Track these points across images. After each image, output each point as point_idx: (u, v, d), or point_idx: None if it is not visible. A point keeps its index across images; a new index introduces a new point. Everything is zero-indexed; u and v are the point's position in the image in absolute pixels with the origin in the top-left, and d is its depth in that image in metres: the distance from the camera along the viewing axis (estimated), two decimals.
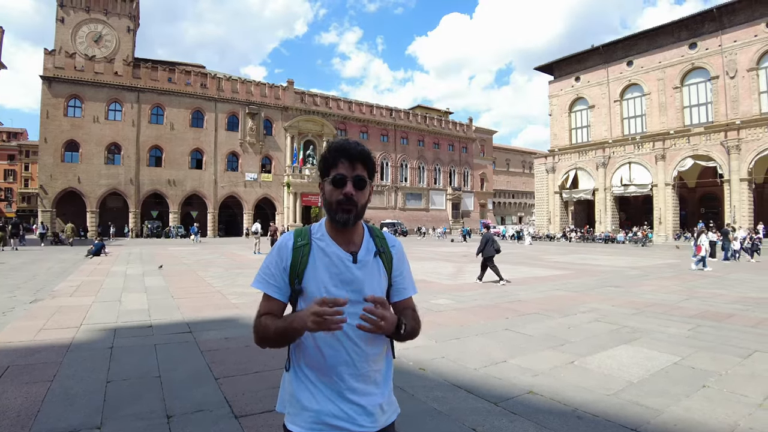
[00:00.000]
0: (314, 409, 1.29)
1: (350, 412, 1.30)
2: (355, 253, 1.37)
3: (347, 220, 1.33)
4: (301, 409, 1.31)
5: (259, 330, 1.32)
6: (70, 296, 8.72)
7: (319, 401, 1.30)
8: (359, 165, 1.35)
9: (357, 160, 1.34)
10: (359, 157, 1.35)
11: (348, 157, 1.34)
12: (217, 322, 6.50)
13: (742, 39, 32.78)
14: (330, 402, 1.29)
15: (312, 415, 1.29)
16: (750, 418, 3.22)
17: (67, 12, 42.07)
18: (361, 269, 1.36)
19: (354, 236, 1.39)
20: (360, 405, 1.31)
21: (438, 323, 6.50)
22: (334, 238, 1.37)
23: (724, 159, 32.89)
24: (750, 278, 12.33)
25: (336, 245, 1.36)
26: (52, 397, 3.58)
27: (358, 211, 1.34)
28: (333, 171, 1.34)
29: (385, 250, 1.43)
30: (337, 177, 1.33)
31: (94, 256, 18.38)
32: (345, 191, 1.32)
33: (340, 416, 1.29)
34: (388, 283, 1.44)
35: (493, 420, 3.24)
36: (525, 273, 13.66)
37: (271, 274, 1.36)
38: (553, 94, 46.97)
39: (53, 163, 37.93)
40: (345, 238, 1.37)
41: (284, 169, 48.26)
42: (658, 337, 5.67)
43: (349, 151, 1.34)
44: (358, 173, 1.34)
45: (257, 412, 3.35)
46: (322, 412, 1.29)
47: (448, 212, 63.19)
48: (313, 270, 1.33)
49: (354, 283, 1.34)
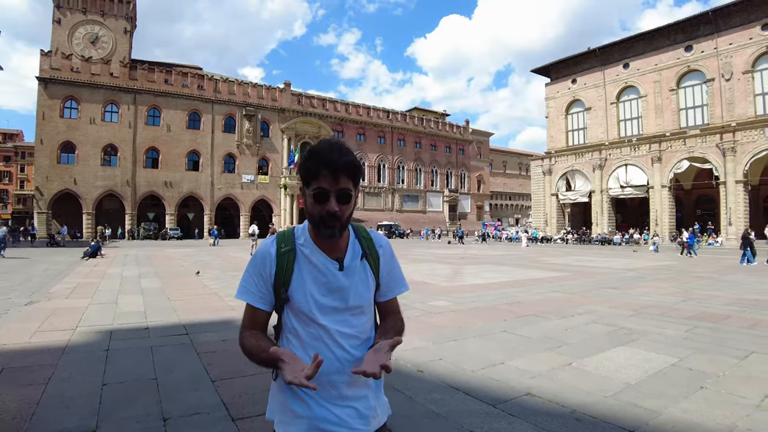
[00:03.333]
0: (307, 416, 1.26)
1: (344, 416, 1.27)
2: (341, 259, 1.31)
3: (332, 234, 1.24)
4: (294, 417, 1.27)
5: (242, 346, 1.27)
6: (66, 298, 8.66)
7: (312, 408, 1.26)
8: (344, 177, 1.20)
9: (341, 172, 1.19)
10: (344, 169, 1.20)
11: (331, 169, 1.19)
12: (213, 324, 6.47)
13: (738, 42, 33.00)
14: (323, 408, 1.27)
15: (305, 422, 1.26)
16: (748, 420, 3.22)
17: (63, 13, 41.99)
18: (347, 276, 1.30)
19: (339, 242, 1.31)
20: (353, 408, 1.29)
21: (436, 325, 6.48)
22: (318, 244, 1.30)
23: (719, 161, 33.07)
24: (746, 280, 12.38)
25: (321, 253, 1.30)
26: (47, 400, 3.54)
27: (342, 224, 1.25)
28: (314, 183, 1.21)
29: (371, 252, 1.38)
30: (318, 191, 1.21)
31: (90, 258, 18.30)
32: (328, 208, 1.20)
33: (333, 421, 1.26)
34: (376, 284, 1.39)
35: (492, 422, 3.23)
36: (522, 275, 13.67)
37: (254, 284, 1.30)
38: (549, 97, 47.15)
39: (49, 164, 37.81)
40: (330, 244, 1.30)
41: (281, 171, 48.26)
42: (655, 338, 5.67)
43: (333, 163, 1.19)
44: (342, 186, 1.20)
45: (254, 414, 3.33)
46: (315, 418, 1.26)
47: (445, 214, 63.27)
48: (299, 278, 1.28)
49: (341, 291, 1.30)
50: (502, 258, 21.25)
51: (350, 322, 1.31)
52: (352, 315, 1.32)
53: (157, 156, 42.41)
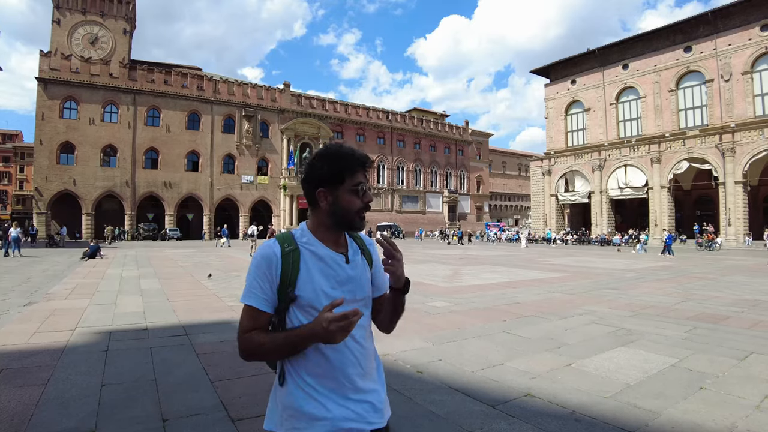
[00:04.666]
0: (327, 417, 1.26)
1: (361, 412, 1.30)
2: (345, 253, 1.38)
3: (363, 225, 1.40)
4: (312, 420, 1.26)
5: (248, 346, 1.26)
6: (65, 299, 8.65)
7: (330, 408, 1.26)
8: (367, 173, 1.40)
9: (369, 168, 1.40)
10: (370, 165, 1.41)
11: (364, 166, 1.37)
12: (213, 325, 6.46)
13: (737, 42, 33.05)
14: (340, 407, 1.27)
15: (326, 423, 1.25)
16: (747, 420, 3.22)
17: (63, 14, 42.01)
18: (353, 269, 1.37)
19: (340, 239, 1.40)
20: (368, 402, 1.32)
21: (435, 326, 6.48)
22: (323, 241, 1.36)
23: (719, 162, 33.11)
24: (746, 281, 12.39)
25: (327, 248, 1.35)
26: (46, 401, 3.54)
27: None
28: (350, 179, 1.34)
29: (365, 249, 1.47)
30: (361, 186, 1.35)
31: (90, 258, 18.28)
32: (367, 200, 1.37)
33: (352, 418, 1.28)
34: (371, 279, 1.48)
35: (491, 423, 3.23)
36: (522, 275, 13.67)
37: (260, 288, 1.29)
38: (549, 97, 47.20)
39: (48, 165, 37.78)
40: (333, 240, 1.37)
41: (281, 172, 48.26)
42: (654, 339, 5.68)
43: (365, 160, 1.37)
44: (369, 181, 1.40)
45: (253, 415, 3.32)
46: (336, 418, 1.26)
47: (444, 215, 63.26)
48: (307, 275, 1.30)
49: (350, 283, 1.35)
50: (501, 258, 21.25)
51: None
52: (362, 306, 1.36)
53: (156, 157, 42.38)
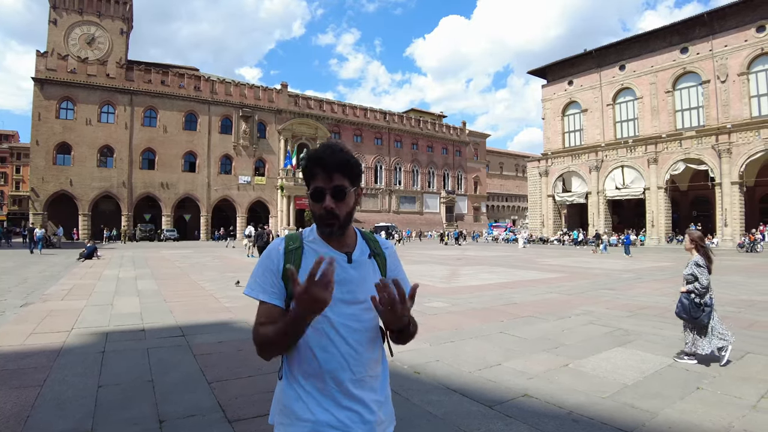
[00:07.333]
0: (310, 419, 1.24)
1: (345, 420, 1.25)
2: (350, 253, 1.35)
3: (331, 232, 1.31)
4: (295, 419, 1.26)
5: (256, 338, 1.25)
6: (62, 300, 8.62)
7: (314, 411, 1.24)
8: (337, 175, 1.28)
9: (334, 170, 1.28)
10: (336, 166, 1.28)
11: (324, 168, 1.28)
12: (210, 326, 6.44)
13: (733, 44, 33.17)
14: (325, 411, 1.24)
15: (307, 425, 1.24)
16: (744, 420, 3.24)
17: (59, 14, 41.86)
18: (356, 269, 1.33)
19: (346, 239, 1.36)
20: (355, 412, 1.27)
21: (433, 326, 6.48)
22: (327, 241, 1.34)
23: (715, 162, 33.23)
24: (742, 281, 12.44)
25: (330, 247, 1.33)
26: (42, 402, 3.52)
27: (341, 222, 1.30)
28: (312, 183, 1.30)
29: (379, 252, 1.42)
30: (315, 190, 1.29)
31: (86, 259, 18.22)
32: (324, 206, 1.28)
33: (334, 425, 1.24)
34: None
35: (489, 423, 3.23)
36: (519, 276, 13.69)
37: (264, 279, 1.31)
38: (546, 98, 47.27)
39: (45, 165, 37.61)
40: (338, 241, 1.35)
41: (278, 172, 48.17)
42: (652, 339, 5.70)
43: (324, 161, 1.28)
44: (337, 184, 1.28)
45: (250, 416, 3.32)
46: (318, 422, 1.24)
47: (441, 215, 63.29)
48: (307, 270, 1.26)
49: (349, 283, 1.31)
50: (499, 259, 21.28)
51: (359, 317, 1.31)
52: (363, 310, 1.31)
53: (153, 157, 42.24)
